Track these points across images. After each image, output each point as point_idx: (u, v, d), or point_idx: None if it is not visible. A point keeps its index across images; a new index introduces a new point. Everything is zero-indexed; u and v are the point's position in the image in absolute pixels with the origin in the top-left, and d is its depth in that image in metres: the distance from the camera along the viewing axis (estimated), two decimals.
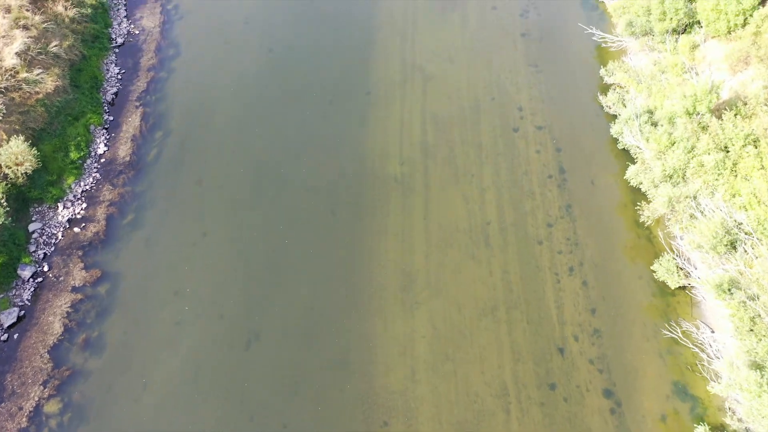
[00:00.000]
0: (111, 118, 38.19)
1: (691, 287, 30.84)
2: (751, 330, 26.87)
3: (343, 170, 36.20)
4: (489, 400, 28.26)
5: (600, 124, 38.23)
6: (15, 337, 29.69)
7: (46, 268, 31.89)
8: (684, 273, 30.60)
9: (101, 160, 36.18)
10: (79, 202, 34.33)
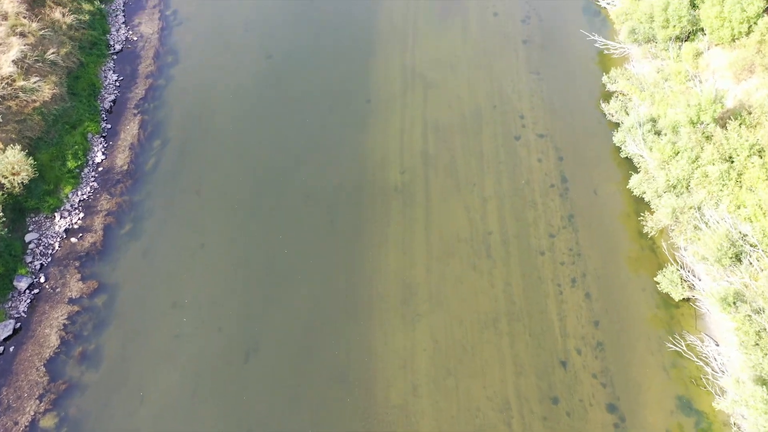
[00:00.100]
0: (109, 126, 37.82)
1: (695, 299, 30.47)
2: (757, 344, 26.51)
3: (343, 179, 35.84)
4: (491, 414, 27.87)
5: (602, 133, 37.85)
6: (11, 350, 29.32)
7: (42, 279, 31.53)
8: (688, 285, 30.21)
9: (99, 169, 35.82)
10: (77, 211, 33.97)
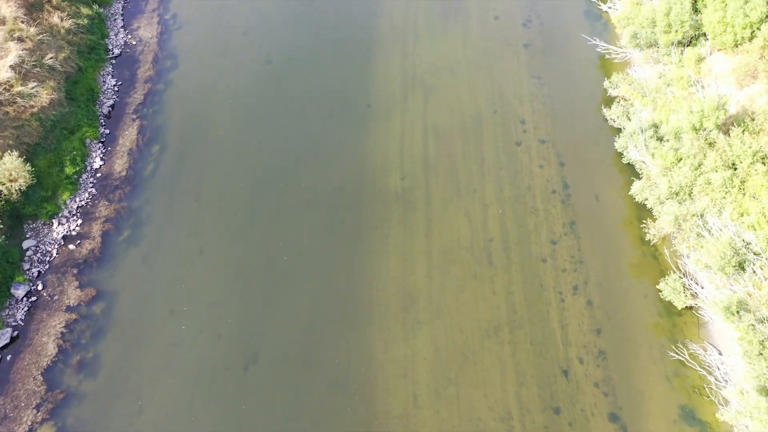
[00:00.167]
0: (107, 132, 37.56)
1: (698, 307, 30.22)
2: (761, 354, 26.25)
3: (343, 185, 35.57)
4: (492, 424, 27.61)
5: (604, 138, 37.59)
6: (8, 358, 29.07)
7: (40, 287, 31.28)
8: (691, 293, 29.96)
9: (97, 175, 35.56)
10: (75, 218, 33.70)
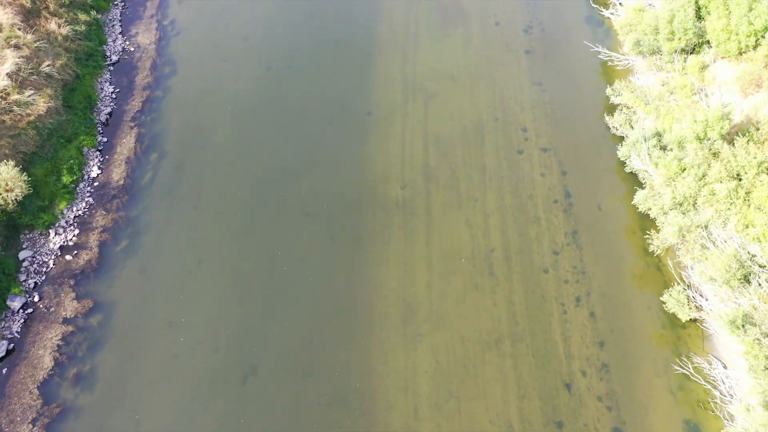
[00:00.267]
0: (105, 140, 37.20)
1: (703, 319, 29.85)
2: (767, 368, 25.89)
3: (343, 194, 35.23)
4: None
5: (606, 146, 37.23)
6: (3, 372, 28.70)
7: (36, 299, 30.92)
8: (695, 306, 29.59)
9: (94, 184, 35.20)
10: (72, 228, 33.35)
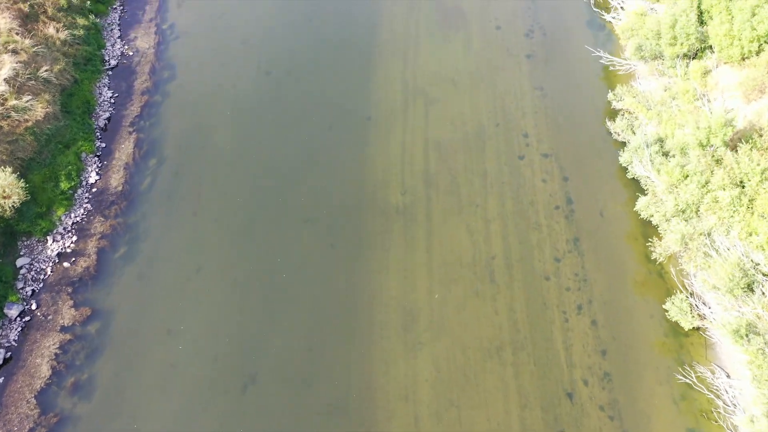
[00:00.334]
0: (103, 145, 36.94)
1: (705, 328, 29.61)
2: None
3: (343, 200, 34.99)
4: None
5: (608, 152, 36.99)
6: (0, 381, 28.45)
7: (34, 306, 30.67)
8: (698, 314, 29.35)
9: (93, 190, 34.94)
10: (69, 234, 33.10)
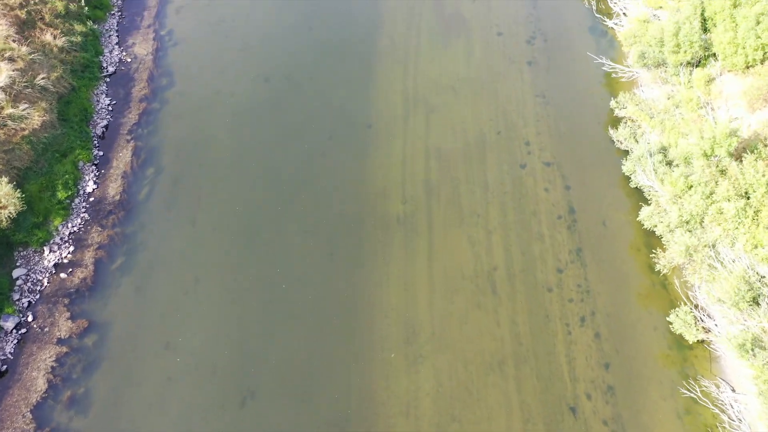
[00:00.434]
0: (101, 154, 36.55)
1: (710, 341, 29.24)
2: None
3: (342, 210, 34.61)
4: None
5: (611, 160, 36.65)
6: None
7: (30, 318, 30.27)
8: (702, 327, 28.98)
9: (90, 200, 34.56)
10: (66, 245, 32.70)
